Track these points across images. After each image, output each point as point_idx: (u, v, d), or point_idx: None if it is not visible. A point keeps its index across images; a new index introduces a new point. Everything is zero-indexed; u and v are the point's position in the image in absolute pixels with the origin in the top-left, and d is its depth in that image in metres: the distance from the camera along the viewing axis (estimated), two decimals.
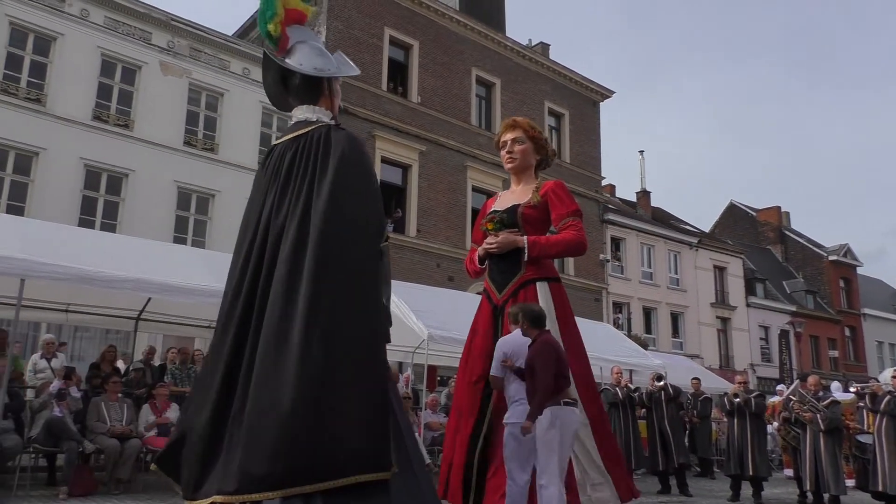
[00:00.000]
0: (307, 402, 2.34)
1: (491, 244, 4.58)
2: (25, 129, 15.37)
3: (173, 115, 17.66)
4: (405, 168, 22.02)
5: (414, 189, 21.94)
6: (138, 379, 9.46)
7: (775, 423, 14.55)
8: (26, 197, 15.46)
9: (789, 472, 14.00)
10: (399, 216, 21.60)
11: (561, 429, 4.15)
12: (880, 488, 8.39)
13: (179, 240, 16.68)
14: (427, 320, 9.16)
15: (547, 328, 4.31)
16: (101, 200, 16.51)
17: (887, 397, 8.54)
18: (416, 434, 2.82)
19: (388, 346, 2.68)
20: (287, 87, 3.02)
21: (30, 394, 8.59)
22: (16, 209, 14.77)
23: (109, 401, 7.89)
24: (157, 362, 10.40)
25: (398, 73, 22.77)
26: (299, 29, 3.04)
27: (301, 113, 2.95)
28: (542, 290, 4.59)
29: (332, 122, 2.92)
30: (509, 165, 4.85)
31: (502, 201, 4.86)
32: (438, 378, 17.11)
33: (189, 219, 17.74)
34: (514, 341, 4.32)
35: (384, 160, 21.34)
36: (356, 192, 2.67)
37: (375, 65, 21.76)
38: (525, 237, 4.54)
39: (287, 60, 2.97)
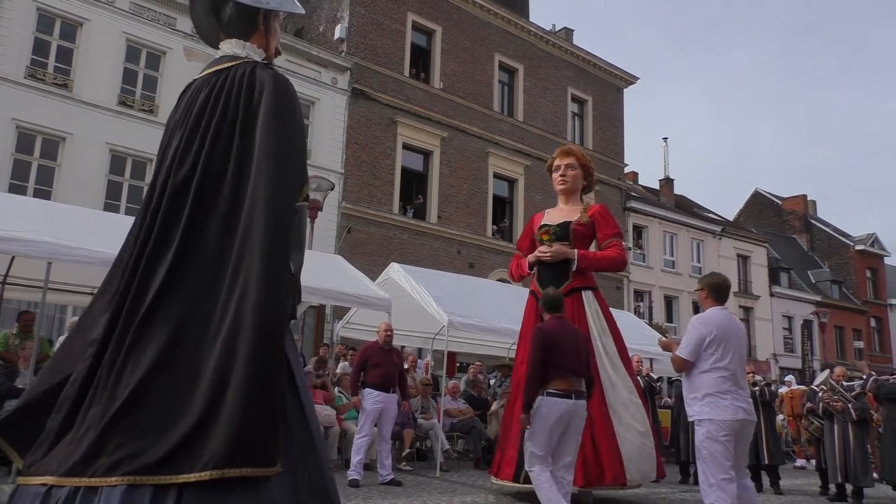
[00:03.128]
0: (214, 385, 1.94)
1: (545, 252, 5.24)
2: (52, 115, 15.58)
3: None
4: (426, 154, 22.00)
5: (435, 175, 21.93)
6: None
7: (781, 415, 14.47)
8: (53, 181, 15.69)
9: (800, 462, 13.94)
10: (420, 202, 21.63)
11: (536, 417, 4.49)
12: None
13: None
14: (447, 307, 9.16)
15: (559, 314, 4.63)
16: (125, 185, 16.70)
17: None
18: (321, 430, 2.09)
19: (409, 332, 2.46)
20: (219, 19, 2.51)
21: None
22: (43, 193, 14.97)
23: None
24: None
25: (421, 58, 22.71)
26: None
27: (228, 48, 2.48)
28: (588, 299, 5.33)
29: (262, 61, 2.46)
30: (561, 187, 5.53)
31: (551, 217, 5.55)
32: (458, 364, 17.17)
33: None
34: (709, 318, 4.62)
35: (406, 146, 21.33)
36: (291, 146, 2.25)
37: (398, 50, 21.72)
38: (575, 250, 5.20)
39: None
